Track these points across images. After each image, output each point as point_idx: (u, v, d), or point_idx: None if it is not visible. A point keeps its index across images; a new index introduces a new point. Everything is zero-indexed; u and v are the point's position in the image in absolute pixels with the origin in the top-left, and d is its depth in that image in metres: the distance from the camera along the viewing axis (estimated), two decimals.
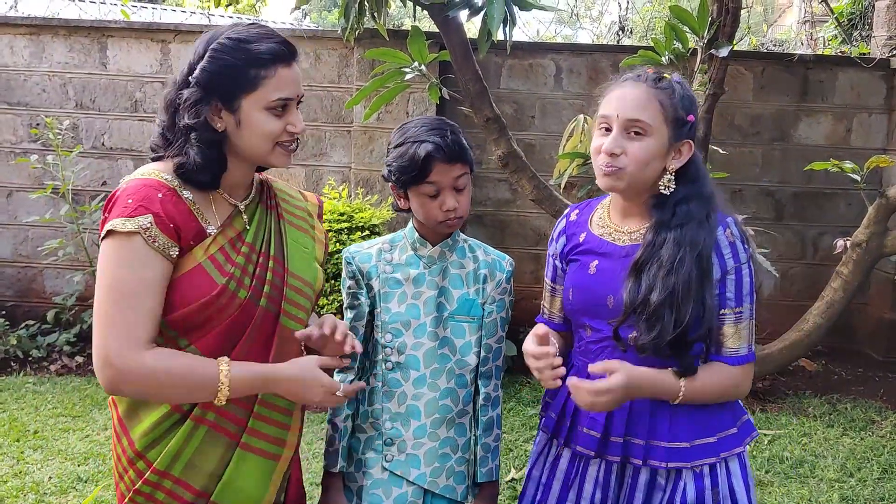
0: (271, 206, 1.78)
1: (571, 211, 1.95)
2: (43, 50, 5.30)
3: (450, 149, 1.81)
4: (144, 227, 1.51)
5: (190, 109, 1.56)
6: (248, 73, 1.56)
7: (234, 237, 1.65)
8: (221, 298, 1.58)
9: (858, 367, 5.19)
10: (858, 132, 5.35)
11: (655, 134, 1.67)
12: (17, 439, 3.81)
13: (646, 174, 1.70)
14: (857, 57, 5.32)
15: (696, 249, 1.65)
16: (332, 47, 5.29)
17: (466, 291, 1.94)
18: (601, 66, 5.29)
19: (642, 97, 1.68)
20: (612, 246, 1.78)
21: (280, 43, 1.59)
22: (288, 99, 1.60)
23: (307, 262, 1.78)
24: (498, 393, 1.99)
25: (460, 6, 3.26)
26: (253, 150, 1.63)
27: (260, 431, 1.66)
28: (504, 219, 5.41)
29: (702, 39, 3.79)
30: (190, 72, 1.58)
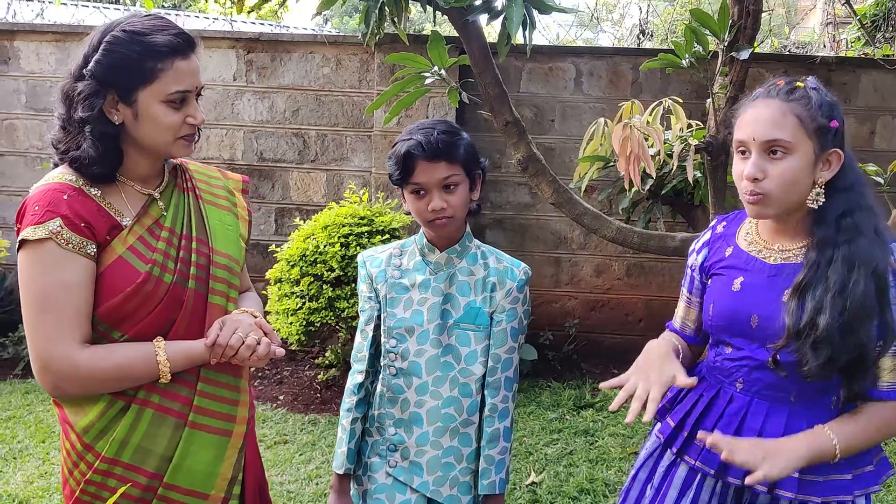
0: (187, 188, 1.77)
1: (719, 223, 1.86)
2: (68, 56, 5.38)
3: (431, 147, 1.77)
4: (55, 231, 1.52)
5: (84, 102, 1.55)
6: (145, 65, 1.55)
7: (151, 224, 1.66)
8: (147, 285, 1.59)
9: None
10: (882, 134, 5.30)
11: (798, 150, 1.57)
12: (42, 440, 3.86)
13: (794, 194, 1.59)
14: (880, 59, 5.27)
15: (871, 266, 1.54)
16: (352, 52, 5.32)
17: (473, 299, 1.90)
18: (621, 69, 5.29)
19: (776, 114, 1.58)
20: (761, 263, 1.69)
21: (176, 35, 1.58)
22: (186, 91, 1.60)
23: (232, 240, 1.79)
24: (507, 405, 1.93)
25: (480, 10, 3.26)
26: (153, 142, 1.63)
27: (207, 409, 1.67)
28: (524, 222, 5.41)
29: (722, 42, 3.77)
30: (85, 63, 1.56)
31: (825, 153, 1.59)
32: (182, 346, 1.63)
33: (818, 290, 1.55)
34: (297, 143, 5.45)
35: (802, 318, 1.55)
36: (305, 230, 4.49)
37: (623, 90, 5.25)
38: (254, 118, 5.41)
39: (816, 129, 1.57)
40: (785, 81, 1.64)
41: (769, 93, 1.62)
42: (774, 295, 1.63)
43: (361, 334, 1.99)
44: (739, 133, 1.63)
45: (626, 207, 4.42)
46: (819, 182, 1.60)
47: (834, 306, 1.52)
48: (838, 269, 1.55)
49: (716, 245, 1.81)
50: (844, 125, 1.65)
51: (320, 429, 4.12)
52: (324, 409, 4.42)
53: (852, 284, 1.52)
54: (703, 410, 1.75)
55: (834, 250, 1.57)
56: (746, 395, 1.70)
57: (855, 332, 1.52)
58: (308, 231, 4.47)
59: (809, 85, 1.62)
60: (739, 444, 1.56)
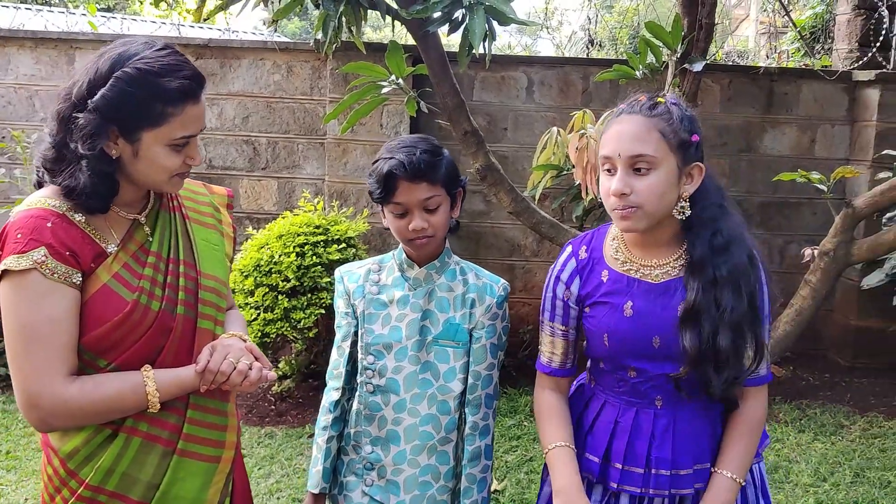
0: (174, 207, 1.71)
1: (577, 248, 1.82)
2: (9, 62, 5.21)
3: (413, 167, 1.74)
4: (39, 260, 1.45)
5: (86, 140, 1.46)
6: (155, 108, 1.48)
7: (136, 250, 1.60)
8: (134, 314, 1.54)
9: (825, 372, 5.30)
10: (822, 143, 5.48)
11: (663, 164, 1.59)
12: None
13: (662, 207, 1.61)
14: (819, 70, 5.45)
15: (748, 281, 1.62)
16: (304, 59, 5.28)
17: (452, 315, 1.88)
18: (572, 78, 5.36)
19: (640, 129, 1.60)
20: (645, 283, 1.70)
21: (190, 78, 1.51)
22: (191, 136, 1.56)
23: (218, 260, 1.74)
24: (488, 422, 1.89)
25: (440, 22, 3.27)
26: (148, 179, 1.57)
27: (196, 436, 1.64)
28: (478, 230, 5.44)
29: (675, 54, 3.86)
30: (89, 93, 1.47)
31: (688, 166, 1.63)
32: (172, 374, 1.57)
33: (711, 312, 1.60)
34: (247, 150, 5.38)
35: (700, 342, 1.60)
36: (259, 239, 4.43)
37: (573, 99, 5.32)
38: None
39: (679, 143, 1.61)
40: (647, 97, 1.66)
41: (632, 109, 1.64)
42: (669, 313, 1.66)
43: (338, 351, 1.96)
44: (605, 149, 1.64)
45: (579, 215, 4.47)
46: (684, 196, 1.64)
47: (730, 328, 1.59)
48: (727, 290, 1.60)
49: (586, 272, 1.78)
50: (702, 139, 1.69)
51: (278, 441, 4.07)
52: (279, 421, 4.36)
53: (738, 303, 1.60)
54: (630, 435, 1.75)
55: (714, 270, 1.61)
56: (668, 408, 1.73)
57: (742, 349, 1.62)
58: (262, 240, 4.41)
59: (670, 100, 1.66)
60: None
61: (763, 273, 1.69)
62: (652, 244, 1.71)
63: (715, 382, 1.61)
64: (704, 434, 1.73)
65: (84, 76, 1.49)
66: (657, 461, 1.71)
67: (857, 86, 5.40)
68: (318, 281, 4.23)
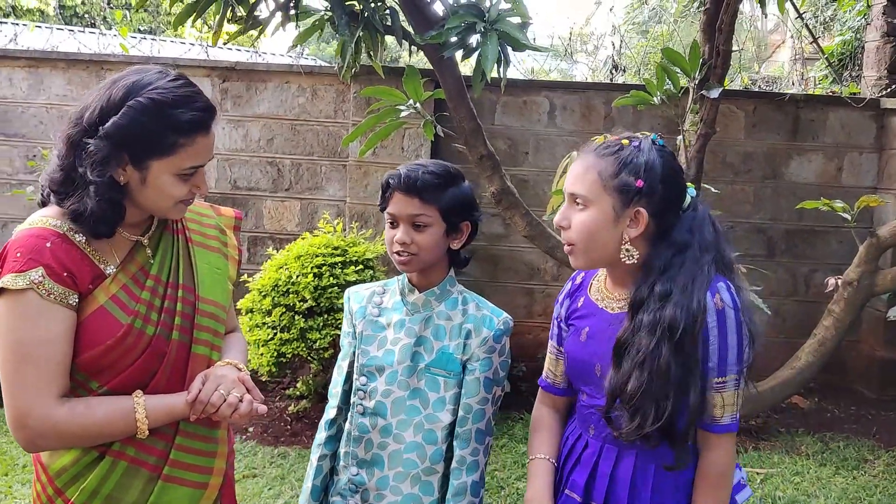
0: (177, 230, 1.71)
1: (578, 274, 1.88)
2: (41, 82, 5.35)
3: (408, 181, 1.77)
4: (36, 281, 1.45)
5: (95, 167, 1.47)
6: (166, 138, 1.49)
7: (136, 272, 1.60)
8: (128, 339, 1.54)
9: (851, 404, 5.19)
10: (849, 171, 5.40)
11: (595, 205, 1.60)
12: (5, 473, 3.78)
13: (598, 246, 1.63)
14: (847, 97, 5.39)
15: (675, 335, 1.55)
16: (328, 83, 5.34)
17: (447, 344, 1.85)
18: (594, 103, 5.35)
19: (581, 169, 1.64)
20: (603, 312, 1.73)
21: (203, 111, 1.53)
22: (200, 166, 1.57)
23: (220, 284, 1.73)
24: (477, 458, 1.85)
25: (455, 47, 3.31)
26: (153, 206, 1.58)
27: (182, 462, 1.63)
28: (496, 253, 5.43)
29: (693, 80, 3.84)
30: (101, 120, 1.47)
31: (629, 210, 1.60)
32: (162, 400, 1.57)
33: (631, 352, 1.59)
34: (271, 171, 5.44)
35: (618, 382, 1.59)
36: (278, 260, 4.47)
37: (596, 124, 5.31)
38: (228, 146, 5.40)
39: (618, 185, 1.60)
40: (616, 137, 1.67)
41: (591, 148, 1.67)
42: (611, 345, 1.65)
43: (338, 370, 1.97)
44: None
45: None
46: (625, 238, 1.62)
47: (640, 375, 1.55)
48: (644, 335, 1.57)
49: (574, 296, 1.85)
50: (660, 187, 1.62)
51: (290, 462, 4.08)
52: (294, 441, 4.37)
53: (653, 352, 1.55)
54: (567, 454, 1.81)
55: (643, 315, 1.59)
56: (597, 440, 1.74)
57: (658, 401, 1.55)
58: (281, 261, 4.45)
59: (633, 143, 1.64)
60: None
61: (734, 319, 1.61)
62: (620, 280, 1.73)
63: (626, 426, 1.58)
64: (624, 478, 1.69)
65: (96, 102, 1.50)
66: (571, 483, 1.76)
67: (885, 113, 5.32)
68: (335, 302, 4.25)
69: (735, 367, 1.62)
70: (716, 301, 1.60)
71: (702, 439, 1.67)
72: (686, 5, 9.42)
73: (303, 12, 3.65)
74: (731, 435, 1.66)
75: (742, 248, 5.21)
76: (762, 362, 4.95)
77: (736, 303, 1.61)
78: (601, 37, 12.31)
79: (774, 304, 5.22)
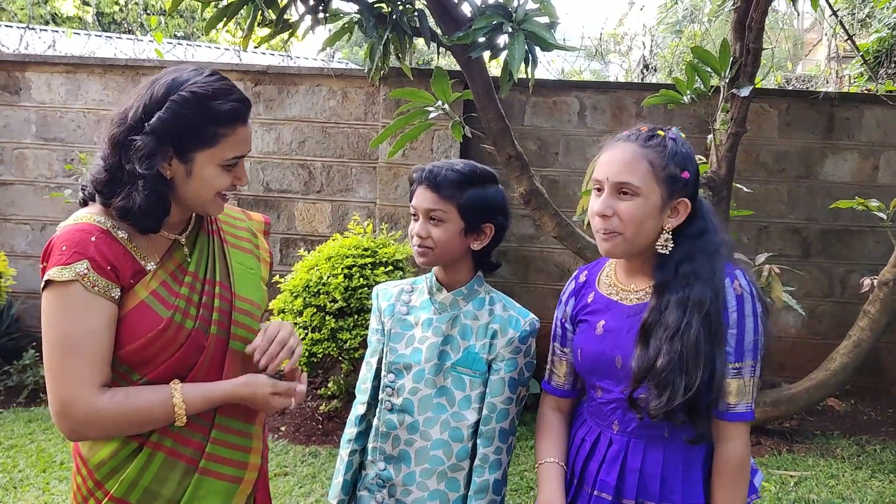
0: (213, 230, 1.77)
1: (581, 272, 1.90)
2: (79, 87, 5.46)
3: (430, 175, 1.83)
4: (82, 273, 1.51)
5: (143, 160, 1.54)
6: (208, 130, 1.56)
7: (174, 269, 1.66)
8: (168, 332, 1.59)
9: (889, 407, 5.10)
10: (885, 170, 5.31)
11: (646, 194, 1.62)
12: (43, 470, 3.86)
13: (642, 236, 1.64)
14: (883, 94, 5.29)
15: (703, 310, 1.59)
16: (358, 85, 5.38)
17: (473, 344, 1.88)
18: (625, 103, 5.33)
19: (630, 157, 1.62)
20: (619, 305, 1.74)
21: (241, 102, 1.60)
22: (241, 156, 1.63)
23: (253, 284, 1.79)
24: (500, 457, 1.87)
25: (482, 47, 3.31)
26: (195, 199, 1.63)
27: (219, 455, 1.67)
28: (528, 254, 5.43)
29: (723, 79, 3.81)
30: (145, 116, 1.54)
31: (673, 201, 1.65)
32: (199, 388, 1.62)
33: (659, 332, 1.61)
34: (302, 174, 5.50)
35: (646, 361, 1.60)
36: (309, 261, 4.51)
37: (626, 124, 5.28)
38: (260, 149, 5.47)
39: (666, 177, 1.63)
40: (648, 128, 1.69)
41: (629, 137, 1.67)
42: (632, 334, 1.67)
43: (366, 366, 2.00)
44: (597, 172, 1.68)
45: None
46: (667, 228, 1.65)
47: (671, 349, 1.58)
48: (674, 312, 1.60)
49: (580, 293, 1.85)
50: (698, 177, 1.71)
51: (321, 461, 4.11)
52: (325, 440, 4.41)
53: (684, 327, 1.58)
54: (587, 455, 1.79)
55: (671, 294, 1.62)
56: (623, 435, 1.73)
57: (689, 373, 1.57)
58: (312, 262, 4.49)
59: (669, 135, 1.67)
60: None
61: (751, 304, 1.65)
62: (636, 271, 1.75)
63: (654, 403, 1.59)
64: (653, 472, 1.69)
65: (139, 101, 1.57)
66: (601, 484, 1.74)
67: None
68: (365, 302, 4.28)
69: (751, 354, 1.64)
70: (735, 287, 1.64)
71: (717, 429, 1.68)
72: (720, 4, 9.33)
73: (332, 15, 3.69)
74: (746, 424, 1.67)
75: (776, 248, 5.16)
76: (796, 363, 4.91)
77: (752, 289, 1.66)
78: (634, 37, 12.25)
79: (809, 305, 5.16)
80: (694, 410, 1.60)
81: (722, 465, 1.67)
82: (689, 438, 1.65)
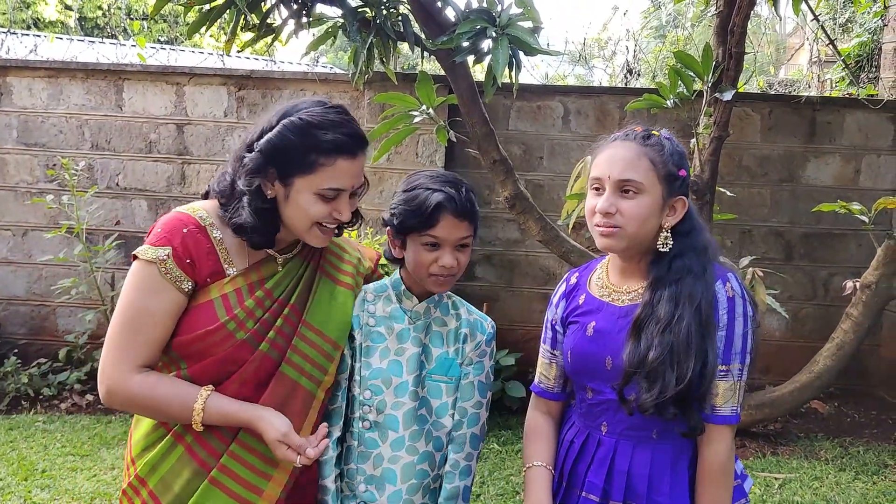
0: (312, 257, 1.80)
1: (571, 274, 1.91)
2: (61, 92, 5.41)
3: (462, 205, 1.73)
4: (161, 258, 1.61)
5: (246, 176, 1.63)
6: (309, 157, 1.61)
7: (255, 281, 1.70)
8: (216, 335, 1.63)
9: (872, 409, 5.14)
10: (867, 173, 5.35)
11: (648, 192, 1.64)
12: (25, 478, 3.82)
13: (642, 233, 1.66)
14: (864, 98, 5.35)
15: (695, 303, 1.61)
16: (342, 90, 5.37)
17: (446, 350, 1.83)
18: (609, 107, 5.35)
19: (632, 156, 1.65)
20: (611, 306, 1.74)
21: (348, 135, 1.63)
22: (340, 190, 1.64)
23: (335, 318, 1.76)
24: (471, 463, 1.83)
25: (467, 52, 3.31)
26: (292, 223, 1.68)
27: (232, 470, 1.66)
28: (513, 258, 5.43)
29: (706, 83, 3.83)
30: (259, 137, 1.64)
31: (671, 199, 1.68)
32: (224, 401, 1.63)
33: (650, 326, 1.62)
34: None
35: (637, 355, 1.61)
36: None
37: (610, 128, 5.29)
38: None
39: (666, 175, 1.66)
40: (642, 128, 1.72)
41: (627, 136, 1.70)
42: (623, 334, 1.68)
43: (335, 385, 1.83)
44: (596, 170, 1.69)
45: None
46: (666, 226, 1.68)
47: (662, 342, 1.59)
48: (666, 305, 1.62)
49: (571, 295, 1.85)
50: (688, 179, 1.73)
51: None
52: None
53: (676, 320, 1.60)
54: (576, 457, 1.79)
55: (664, 289, 1.64)
56: (612, 437, 1.74)
57: (680, 365, 1.58)
58: None
59: (664, 134, 1.71)
60: None
61: (742, 307, 1.66)
62: (631, 271, 1.75)
63: (644, 396, 1.59)
64: (641, 473, 1.69)
65: (260, 125, 1.68)
66: (588, 485, 1.74)
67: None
68: None
69: (739, 357, 1.65)
70: (727, 289, 1.66)
71: (703, 432, 1.67)
72: (703, 9, 9.39)
73: (315, 19, 3.68)
74: (731, 427, 1.67)
75: (759, 251, 5.18)
76: (780, 366, 4.94)
77: (744, 293, 1.67)
78: (618, 42, 12.30)
79: (792, 308, 5.19)
80: (685, 403, 1.60)
81: (706, 468, 1.67)
82: (682, 431, 1.65)
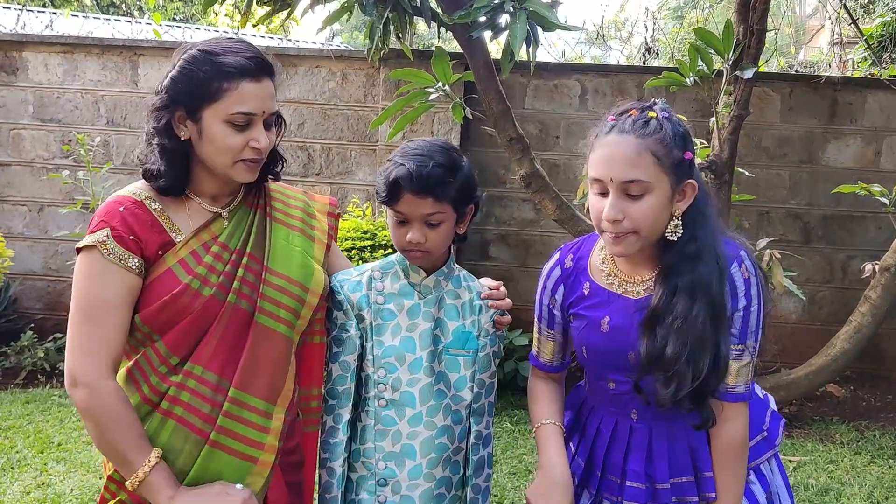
0: (257, 205, 1.76)
1: (564, 256, 1.79)
2: (76, 68, 5.42)
3: (420, 180, 1.65)
4: (101, 240, 1.56)
5: (153, 114, 1.60)
6: (211, 84, 1.56)
7: (208, 240, 1.66)
8: (183, 297, 1.59)
9: (888, 393, 5.10)
10: (888, 155, 5.28)
11: (657, 188, 1.52)
12: (41, 451, 3.85)
13: (656, 229, 1.57)
14: (886, 79, 5.26)
15: (709, 294, 1.54)
16: (358, 67, 5.34)
17: (462, 323, 1.82)
18: (627, 86, 5.29)
19: (632, 153, 1.51)
20: (625, 299, 1.66)
21: (249, 58, 1.58)
22: (250, 114, 1.59)
23: (297, 261, 1.73)
24: (489, 430, 1.86)
25: (484, 27, 3.28)
26: (213, 162, 1.63)
27: (230, 430, 1.62)
28: (528, 238, 5.40)
29: (727, 61, 3.77)
30: (163, 79, 1.61)
31: (681, 185, 1.57)
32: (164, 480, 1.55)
33: (666, 320, 1.55)
34: (301, 156, 5.46)
35: (654, 350, 1.56)
36: None
37: None
38: None
39: (672, 163, 1.53)
40: (637, 111, 1.56)
41: (623, 127, 1.54)
42: (642, 329, 1.62)
43: (341, 366, 1.81)
44: (595, 171, 1.56)
45: None
46: (676, 214, 1.58)
47: (678, 338, 1.53)
48: (682, 299, 1.55)
49: (570, 281, 1.75)
50: (694, 152, 1.61)
51: None
52: None
53: (694, 315, 1.53)
54: (609, 445, 1.75)
55: (678, 279, 1.56)
56: (644, 422, 1.71)
57: (696, 361, 1.54)
58: None
59: (661, 113, 1.56)
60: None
61: (755, 287, 1.62)
62: (641, 260, 1.66)
63: (662, 393, 1.56)
64: (682, 448, 1.69)
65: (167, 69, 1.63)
66: (631, 473, 1.70)
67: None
68: None
69: (754, 336, 1.62)
70: (742, 270, 1.60)
71: (719, 408, 1.64)
72: None
73: None
74: (744, 405, 1.66)
75: (777, 233, 5.13)
76: (796, 349, 4.89)
77: (757, 271, 1.63)
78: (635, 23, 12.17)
79: (810, 290, 5.14)
80: (700, 397, 1.57)
81: (723, 446, 1.65)
82: (695, 425, 1.63)
